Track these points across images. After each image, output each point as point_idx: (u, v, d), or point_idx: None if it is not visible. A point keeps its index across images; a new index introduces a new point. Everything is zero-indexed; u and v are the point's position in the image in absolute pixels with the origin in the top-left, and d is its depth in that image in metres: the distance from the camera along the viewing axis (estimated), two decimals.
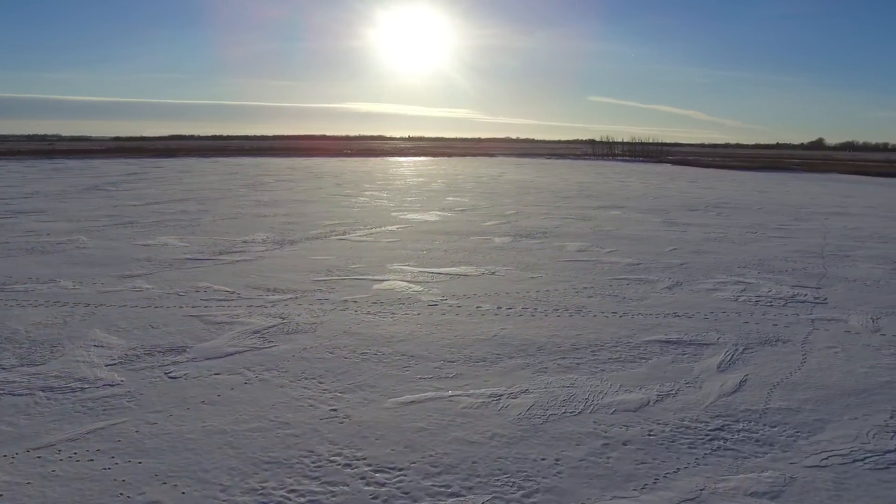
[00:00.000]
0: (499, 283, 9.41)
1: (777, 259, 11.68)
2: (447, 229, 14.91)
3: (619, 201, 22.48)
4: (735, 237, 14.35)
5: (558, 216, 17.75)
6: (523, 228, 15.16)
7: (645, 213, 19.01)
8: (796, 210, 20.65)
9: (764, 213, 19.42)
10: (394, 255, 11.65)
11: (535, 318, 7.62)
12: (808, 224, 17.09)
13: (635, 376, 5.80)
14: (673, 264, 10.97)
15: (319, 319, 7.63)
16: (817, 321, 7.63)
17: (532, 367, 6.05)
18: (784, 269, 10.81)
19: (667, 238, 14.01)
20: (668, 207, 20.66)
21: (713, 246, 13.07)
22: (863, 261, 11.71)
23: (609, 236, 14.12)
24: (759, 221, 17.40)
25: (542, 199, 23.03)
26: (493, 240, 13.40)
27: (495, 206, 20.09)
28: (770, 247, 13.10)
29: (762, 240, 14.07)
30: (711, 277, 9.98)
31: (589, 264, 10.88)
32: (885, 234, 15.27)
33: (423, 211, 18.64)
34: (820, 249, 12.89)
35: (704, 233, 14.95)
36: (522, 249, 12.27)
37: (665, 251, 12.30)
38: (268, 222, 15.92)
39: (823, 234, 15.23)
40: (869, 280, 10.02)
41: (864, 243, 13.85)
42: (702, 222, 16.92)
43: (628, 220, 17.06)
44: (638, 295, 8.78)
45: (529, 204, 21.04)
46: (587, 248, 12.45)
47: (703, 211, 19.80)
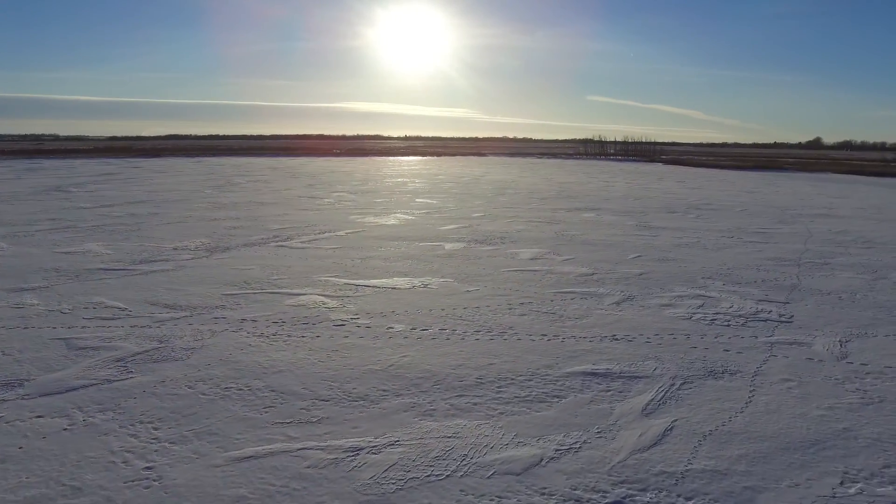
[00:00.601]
0: (426, 298, 8.36)
1: (748, 268, 10.62)
2: (400, 234, 13.85)
3: (596, 202, 21.43)
4: (708, 242, 13.29)
5: (526, 219, 16.69)
6: (482, 233, 14.11)
7: (620, 215, 17.95)
8: (781, 212, 19.59)
9: (746, 216, 18.36)
10: (327, 264, 10.60)
11: (448, 342, 6.56)
12: (790, 227, 16.04)
13: (539, 422, 4.75)
14: (631, 275, 9.91)
15: (201, 343, 6.59)
16: (777, 345, 6.58)
17: (418, 408, 4.99)
18: (753, 279, 9.75)
19: (634, 244, 12.95)
20: (647, 209, 19.60)
21: (682, 253, 12.01)
22: (842, 269, 10.65)
23: (571, 242, 13.06)
24: (739, 224, 16.34)
25: (517, 200, 21.98)
26: (443, 246, 12.35)
27: (463, 209, 19.03)
28: (744, 253, 12.04)
29: (737, 245, 13.01)
30: (669, 290, 8.92)
31: (537, 275, 9.82)
32: (870, 239, 14.21)
33: (385, 214, 17.59)
34: (798, 256, 11.83)
35: (676, 237, 13.89)
36: (470, 257, 11.22)
37: (627, 259, 11.24)
38: (213, 226, 14.87)
39: (805, 238, 14.17)
40: (845, 293, 8.96)
41: (847, 249, 12.79)
42: (677, 226, 15.87)
43: (599, 224, 16.00)
44: (579, 312, 7.72)
45: (500, 206, 19.98)
46: (542, 256, 11.39)
47: (683, 213, 18.74)
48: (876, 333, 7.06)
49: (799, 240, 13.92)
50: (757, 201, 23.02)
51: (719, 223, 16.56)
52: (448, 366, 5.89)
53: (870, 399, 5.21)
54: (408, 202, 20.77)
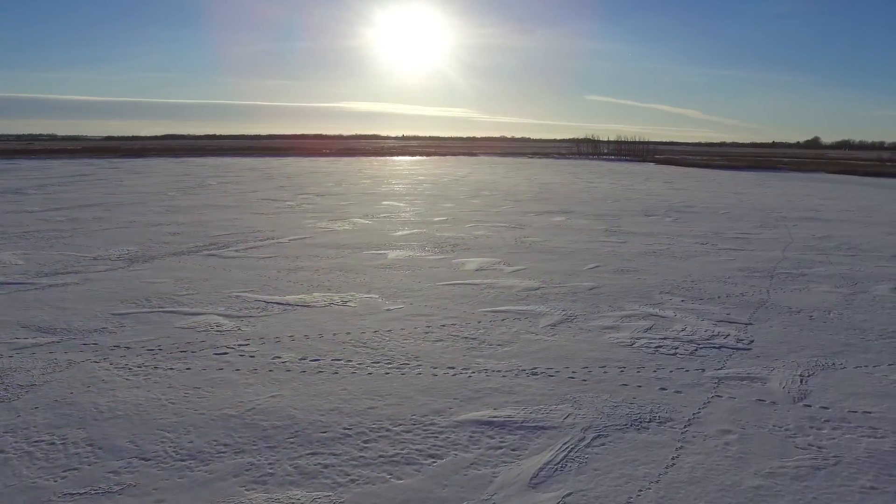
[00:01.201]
0: (337, 318, 7.33)
1: (714, 280, 9.60)
2: (347, 241, 12.82)
3: (572, 205, 20.39)
4: (679, 250, 12.26)
5: (490, 224, 15.66)
6: (436, 240, 13.08)
7: (592, 218, 16.93)
8: (766, 214, 18.57)
9: (727, 219, 17.34)
10: (248, 276, 9.57)
11: (334, 378, 5.54)
12: (772, 232, 15.01)
13: (393, 495, 3.72)
14: (580, 289, 8.88)
15: (45, 379, 5.56)
16: (725, 382, 5.55)
17: (252, 471, 3.97)
18: (717, 294, 8.72)
19: (597, 252, 11.92)
20: (623, 212, 18.58)
21: (646, 262, 10.98)
22: (819, 281, 9.62)
23: (529, 250, 12.03)
24: (717, 229, 15.32)
25: (490, 202, 20.95)
26: (387, 255, 11.32)
27: (428, 212, 18.01)
28: (715, 263, 11.02)
29: (710, 253, 11.99)
30: (618, 308, 7.89)
31: (475, 290, 8.79)
32: (855, 245, 13.18)
33: (342, 218, 16.55)
34: (773, 266, 10.81)
35: (645, 244, 12.86)
36: (410, 268, 10.19)
37: (582, 270, 10.21)
38: (151, 233, 13.83)
39: (785, 244, 13.14)
40: (817, 311, 7.94)
41: (829, 257, 11.77)
42: (650, 231, 14.84)
43: (566, 229, 14.97)
44: (504, 337, 6.69)
45: (469, 209, 18.95)
46: (490, 267, 10.36)
47: (660, 216, 17.71)
48: (844, 364, 6.03)
49: (778, 246, 12.89)
50: (742, 203, 21.99)
51: (697, 227, 15.53)
52: (318, 410, 4.86)
53: (823, 460, 4.18)
54: (373, 205, 19.75)
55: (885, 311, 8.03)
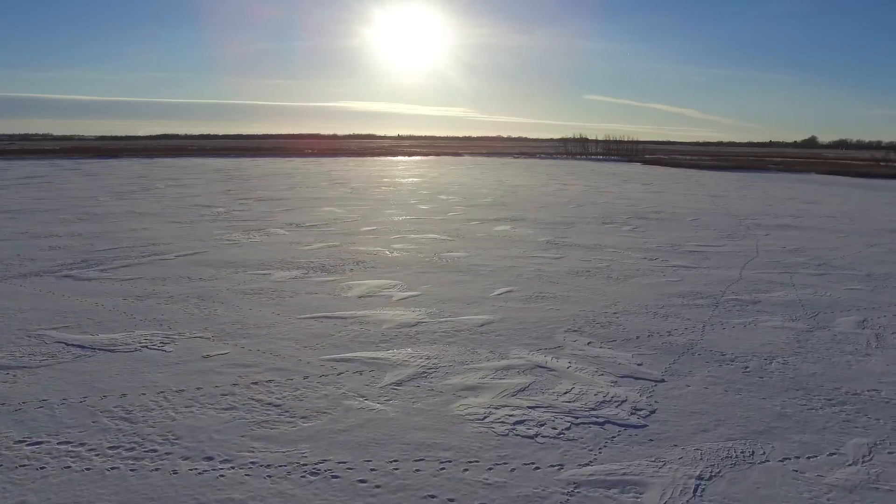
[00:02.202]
0: (130, 371, 5.61)
1: (643, 311, 7.89)
2: (239, 258, 11.11)
3: (528, 211, 18.67)
4: (619, 269, 10.55)
5: (421, 234, 13.95)
6: (345, 255, 11.37)
7: (541, 227, 15.21)
8: (738, 222, 16.86)
9: (692, 228, 15.64)
10: (80, 306, 7.86)
11: (36, 476, 3.82)
12: (737, 244, 13.31)
13: None
14: (468, 325, 7.17)
15: None
16: (580, 492, 3.83)
17: None
18: (638, 332, 7.01)
19: (520, 271, 10.21)
20: (580, 220, 16.87)
21: (570, 285, 9.27)
22: (772, 312, 7.92)
23: (442, 268, 10.32)
24: (676, 240, 13.61)
25: (440, 208, 19.23)
26: (271, 275, 9.61)
27: (362, 220, 16.31)
28: (655, 286, 9.31)
29: (654, 272, 10.28)
30: (500, 356, 6.18)
31: (339, 325, 7.08)
32: (827, 260, 11.48)
33: (260, 229, 14.84)
34: (723, 290, 9.11)
35: (583, 261, 11.15)
36: (282, 294, 8.46)
37: (488, 297, 8.49)
38: (25, 246, 12.11)
39: (746, 260, 11.44)
40: (756, 359, 6.23)
41: (793, 276, 10.07)
42: (597, 242, 13.12)
43: (502, 240, 13.25)
44: (322, 403, 4.97)
45: (412, 215, 17.24)
46: (380, 292, 8.64)
47: (619, 224, 16.00)
48: (768, 453, 4.33)
49: (738, 262, 11.19)
50: (717, 208, 20.28)
51: (654, 238, 13.82)
52: None
53: None
54: (309, 212, 18.04)
55: (844, 357, 6.33)
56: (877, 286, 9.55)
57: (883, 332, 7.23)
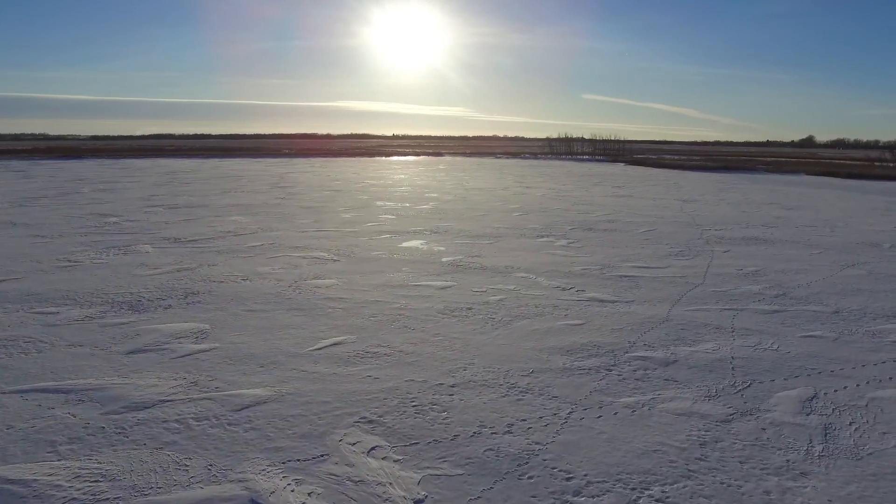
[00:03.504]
0: None
1: (495, 383, 5.53)
2: (42, 289, 8.76)
3: (461, 221, 16.32)
4: (511, 305, 8.20)
5: (309, 251, 11.60)
6: (185, 284, 9.02)
7: (458, 242, 12.85)
8: (698, 233, 14.51)
9: (641, 242, 13.28)
10: None
11: None
12: (687, 263, 10.96)
13: None
14: (231, 407, 4.83)
15: None
16: None
17: None
18: (462, 426, 4.66)
19: (378, 310, 7.86)
20: (512, 231, 14.50)
21: (426, 333, 6.91)
22: (683, 384, 5.57)
23: (277, 306, 7.95)
24: (612, 259, 11.26)
25: (364, 216, 16.88)
26: (59, 313, 7.26)
27: (259, 234, 13.98)
28: (542, 333, 6.96)
29: (554, 312, 7.93)
30: (217, 478, 3.84)
31: (45, 409, 4.74)
32: (789, 288, 9.13)
33: (125, 246, 12.49)
34: (633, 341, 6.76)
35: (475, 292, 8.79)
36: (29, 350, 6.12)
37: (299, 353, 6.12)
38: None
39: (686, 290, 9.09)
40: (618, 488, 3.88)
41: (738, 316, 7.72)
42: (511, 264, 10.76)
43: (396, 262, 10.89)
44: None
45: (325, 225, 14.89)
46: (163, 345, 6.29)
47: (555, 238, 13.64)
48: None
49: (674, 293, 8.84)
50: (681, 216, 17.91)
51: (585, 257, 11.47)
52: None
53: None
54: (209, 222, 15.70)
55: (764, 482, 3.97)
56: (843, 332, 7.20)
57: (835, 423, 4.88)
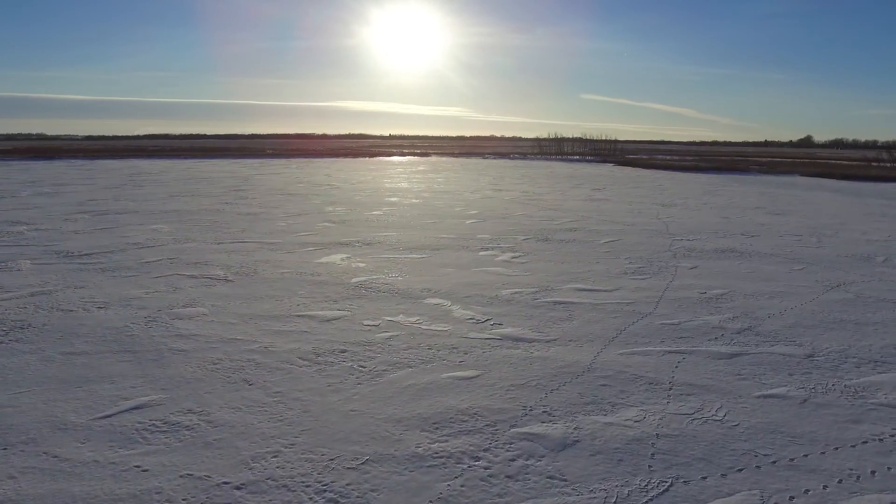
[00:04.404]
0: None
1: (300, 484, 3.85)
2: None
3: (406, 229, 14.64)
4: (396, 347, 6.51)
5: (203, 268, 9.93)
6: (34, 312, 7.34)
7: (384, 258, 11.17)
8: (668, 244, 12.82)
9: (598, 255, 11.59)
10: None
11: None
12: (642, 284, 9.28)
13: None
14: None
15: None
16: None
17: None
18: None
19: (186, 368, 6.18)
20: (456, 242, 12.81)
21: (220, 407, 5.24)
22: (571, 485, 3.88)
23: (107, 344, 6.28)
24: (557, 278, 9.57)
25: (302, 224, 15.19)
26: None
27: (167, 247, 12.30)
28: (417, 391, 5.27)
29: (448, 356, 6.25)
30: None
31: None
32: (757, 319, 7.43)
33: (4, 262, 10.82)
34: (533, 403, 5.07)
35: (359, 328, 7.10)
36: None
37: None
38: None
39: (630, 322, 7.40)
40: None
41: (682, 364, 6.04)
42: (429, 286, 9.06)
43: (290, 284, 9.20)
44: None
45: (250, 235, 13.20)
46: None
47: (501, 251, 11.95)
48: None
49: (612, 328, 7.15)
50: (654, 223, 16.22)
51: (527, 276, 9.79)
52: None
53: None
54: (122, 232, 14.02)
55: None
56: (815, 389, 5.51)
57: None
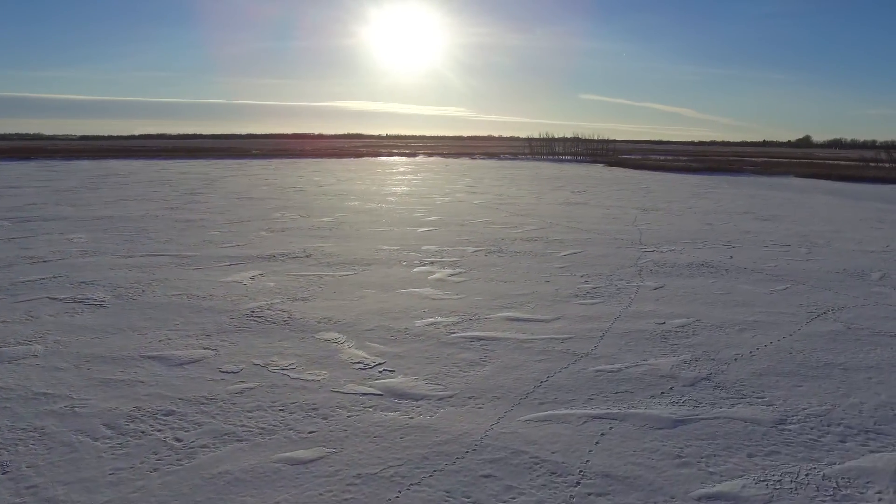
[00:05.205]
0: None
1: None
2: None
3: (346, 240, 13.12)
4: (255, 401, 4.98)
5: (77, 292, 8.40)
6: None
7: (316, 269, 9.65)
8: (636, 257, 11.30)
9: (548, 273, 10.08)
10: None
11: None
12: (590, 309, 7.75)
13: None
14: None
15: None
16: None
17: None
18: None
19: None
20: (401, 253, 11.29)
21: None
22: None
23: None
24: (486, 304, 8.05)
25: (233, 235, 13.68)
26: None
27: (66, 262, 10.78)
28: (207, 482, 3.75)
29: (279, 429, 4.73)
30: None
31: None
32: (717, 363, 5.91)
33: None
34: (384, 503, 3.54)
35: (224, 371, 5.59)
36: None
37: None
38: None
39: (562, 365, 5.88)
40: None
41: (616, 427, 4.51)
42: (331, 315, 7.54)
43: (169, 309, 7.67)
44: None
45: (167, 248, 11.69)
46: None
47: (444, 265, 10.44)
48: None
49: (535, 374, 5.63)
50: (628, 231, 14.69)
51: (456, 298, 8.26)
52: None
53: None
54: (22, 244, 12.49)
55: None
56: (779, 488, 3.97)
57: None
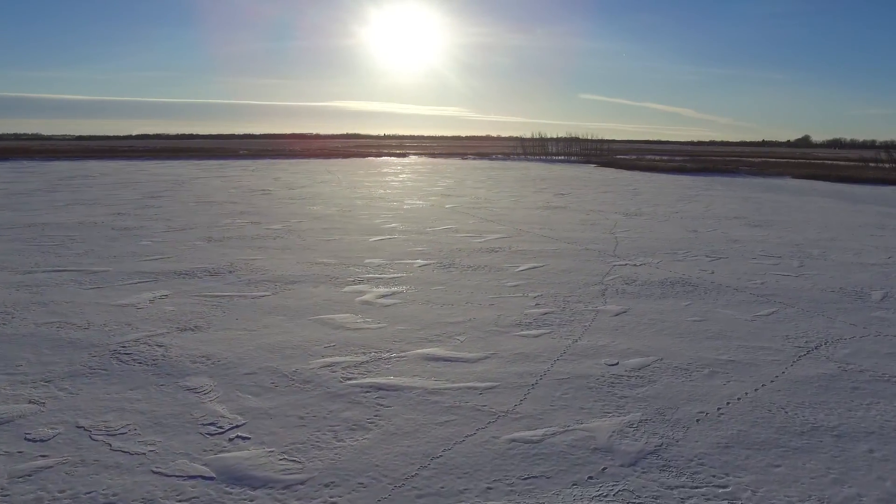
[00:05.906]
0: None
1: None
2: None
3: (285, 252, 11.81)
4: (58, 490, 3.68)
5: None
6: None
7: (236, 289, 8.34)
8: (604, 272, 10.00)
9: (497, 292, 8.77)
10: None
11: None
12: (532, 343, 6.45)
13: None
14: None
15: None
16: None
17: None
18: None
19: None
20: (338, 269, 9.98)
21: None
22: None
23: None
24: (407, 337, 6.75)
25: (170, 245, 12.38)
26: None
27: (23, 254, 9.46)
28: None
29: None
30: None
31: None
32: (673, 427, 4.60)
33: None
34: None
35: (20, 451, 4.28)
36: None
37: None
38: None
39: (469, 433, 4.56)
40: None
41: None
42: (215, 352, 6.23)
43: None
44: None
45: (95, 263, 10.38)
46: None
47: (382, 283, 9.14)
48: None
49: (434, 444, 4.32)
50: (603, 239, 13.37)
51: (376, 327, 6.96)
52: None
53: None
54: None
55: None
56: None
57: None
